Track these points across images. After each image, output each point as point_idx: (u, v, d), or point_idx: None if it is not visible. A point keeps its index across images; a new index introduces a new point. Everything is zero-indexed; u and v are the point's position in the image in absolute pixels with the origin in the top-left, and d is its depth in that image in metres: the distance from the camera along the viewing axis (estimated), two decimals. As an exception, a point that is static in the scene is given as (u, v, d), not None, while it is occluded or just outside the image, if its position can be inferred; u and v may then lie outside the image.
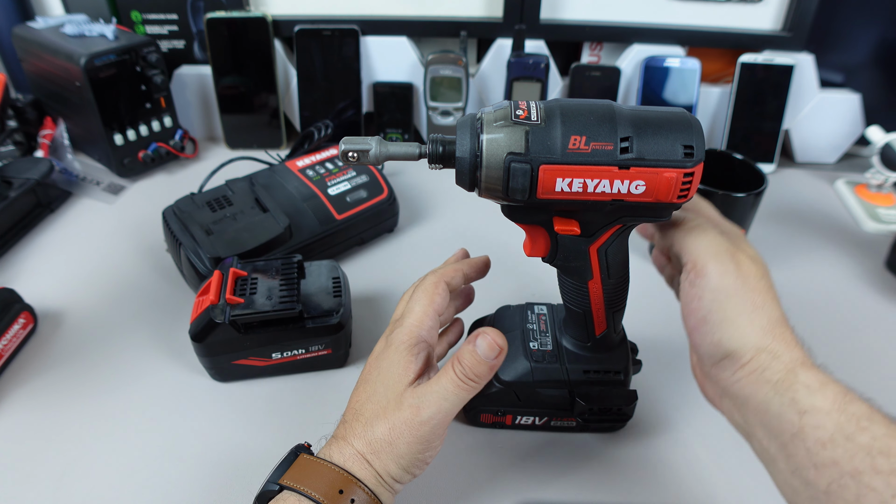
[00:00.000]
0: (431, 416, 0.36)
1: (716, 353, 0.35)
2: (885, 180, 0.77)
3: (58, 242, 0.68)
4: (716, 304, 0.34)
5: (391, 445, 0.36)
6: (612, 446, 0.47)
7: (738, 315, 0.34)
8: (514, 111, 0.34)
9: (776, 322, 0.35)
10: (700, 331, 0.35)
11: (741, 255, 0.36)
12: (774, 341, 0.34)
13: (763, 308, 0.35)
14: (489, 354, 0.36)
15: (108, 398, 0.50)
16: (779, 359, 0.33)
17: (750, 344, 0.34)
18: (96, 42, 0.73)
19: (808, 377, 0.32)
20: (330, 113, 0.86)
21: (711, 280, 0.35)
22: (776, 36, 0.82)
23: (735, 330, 0.34)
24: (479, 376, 0.36)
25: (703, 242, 0.36)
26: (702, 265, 0.35)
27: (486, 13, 0.84)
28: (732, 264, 0.35)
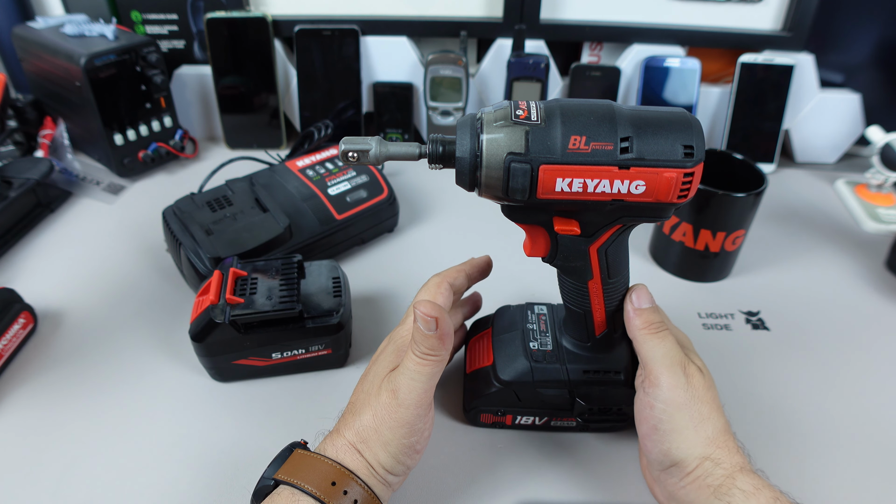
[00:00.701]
0: (405, 396, 0.37)
1: (664, 460, 0.37)
2: (885, 180, 0.77)
3: (58, 242, 0.68)
4: (666, 414, 0.37)
5: (377, 432, 0.36)
6: (612, 446, 0.47)
7: (686, 427, 0.37)
8: (514, 111, 0.34)
9: (720, 431, 0.37)
10: (651, 438, 0.38)
11: (691, 367, 0.39)
12: (718, 450, 0.36)
13: (709, 419, 0.37)
14: (429, 327, 0.36)
15: (108, 398, 0.50)
16: (720, 466, 0.36)
17: (696, 454, 0.36)
18: (96, 42, 0.73)
19: (744, 482, 0.35)
20: (330, 113, 0.86)
21: (663, 391, 0.37)
22: (776, 36, 0.82)
23: (683, 441, 0.37)
24: (433, 349, 0.37)
25: (658, 352, 0.39)
26: (656, 375, 0.38)
27: (486, 13, 0.84)
28: (684, 377, 0.38)
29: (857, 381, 0.53)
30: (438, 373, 0.38)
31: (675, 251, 0.64)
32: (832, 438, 0.48)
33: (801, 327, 0.59)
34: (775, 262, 0.68)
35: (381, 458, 0.36)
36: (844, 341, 0.57)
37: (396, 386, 0.37)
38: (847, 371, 0.54)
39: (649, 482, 0.41)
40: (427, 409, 0.38)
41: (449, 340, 0.38)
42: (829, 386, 0.53)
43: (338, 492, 0.34)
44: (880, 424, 0.49)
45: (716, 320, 0.59)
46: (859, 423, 0.49)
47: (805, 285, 0.64)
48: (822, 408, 0.50)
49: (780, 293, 0.63)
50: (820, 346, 0.57)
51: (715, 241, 0.60)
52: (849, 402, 0.51)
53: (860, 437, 0.48)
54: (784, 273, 0.66)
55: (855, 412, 0.50)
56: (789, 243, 0.71)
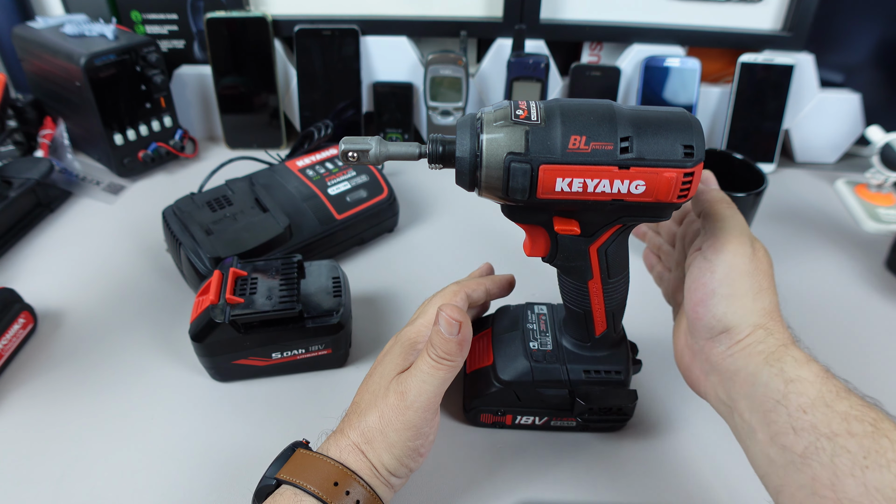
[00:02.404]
0: (414, 399, 0.36)
1: (716, 326, 0.37)
2: (885, 180, 0.77)
3: (58, 242, 0.68)
4: (728, 279, 0.37)
5: (382, 434, 0.36)
6: (612, 446, 0.47)
7: (745, 294, 0.37)
8: (514, 111, 0.34)
9: (774, 307, 0.37)
10: (706, 304, 0.37)
11: (757, 242, 0.39)
12: (771, 321, 0.36)
13: (768, 292, 0.37)
14: (451, 331, 0.37)
15: (108, 398, 0.50)
16: (773, 335, 0.36)
17: (750, 321, 0.36)
18: (96, 42, 0.73)
19: (796, 352, 0.35)
20: (330, 113, 0.86)
21: (728, 256, 0.37)
22: (776, 36, 0.82)
23: (740, 307, 0.36)
24: (451, 354, 0.37)
25: (728, 223, 0.38)
26: (723, 242, 0.38)
27: (486, 13, 0.84)
28: (750, 248, 0.38)
29: (857, 380, 0.53)
30: (450, 378, 0.37)
31: (675, 251, 0.64)
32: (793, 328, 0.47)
33: (801, 327, 0.59)
34: (775, 262, 0.67)
35: (384, 459, 0.36)
36: (844, 341, 0.57)
37: (406, 388, 0.37)
38: (847, 371, 0.54)
39: (685, 361, 0.40)
40: (434, 413, 0.37)
41: (467, 347, 0.37)
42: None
43: (340, 492, 0.34)
44: (880, 424, 0.49)
45: (716, 320, 0.59)
46: (859, 423, 0.49)
47: (805, 285, 0.64)
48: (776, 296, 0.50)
49: (780, 293, 0.62)
50: (820, 346, 0.57)
51: (715, 241, 0.60)
52: (849, 402, 0.51)
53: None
54: (784, 273, 0.66)
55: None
56: (789, 243, 0.71)
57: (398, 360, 0.40)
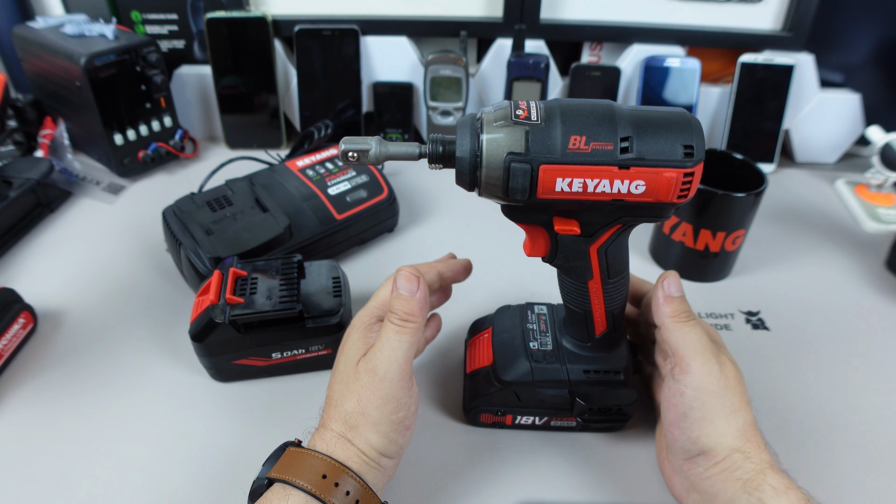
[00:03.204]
0: (386, 370, 0.37)
1: (692, 448, 0.37)
2: (885, 180, 0.77)
3: (58, 242, 0.68)
4: (697, 402, 0.37)
5: (363, 415, 0.36)
6: (612, 446, 0.47)
7: (717, 415, 0.36)
8: (514, 111, 0.34)
9: (749, 425, 0.37)
10: (679, 426, 0.37)
11: (724, 357, 0.39)
12: (748, 443, 0.36)
13: (740, 411, 0.37)
14: (409, 287, 0.37)
15: (108, 398, 0.50)
16: (750, 460, 0.35)
17: (726, 444, 0.36)
18: (96, 42, 0.73)
19: (775, 480, 0.34)
20: (330, 113, 0.86)
21: (695, 378, 0.37)
22: (776, 36, 0.82)
23: (714, 429, 0.36)
24: (412, 314, 0.37)
25: (690, 339, 0.38)
26: (687, 362, 0.38)
27: (486, 13, 0.84)
28: (717, 365, 0.37)
29: (857, 380, 0.53)
30: (416, 342, 0.38)
31: (675, 251, 0.64)
32: (832, 438, 0.48)
33: (801, 327, 0.59)
34: (775, 262, 0.68)
35: (372, 440, 0.36)
36: (844, 341, 0.57)
37: (375, 364, 0.37)
38: (847, 371, 0.54)
39: (668, 473, 0.41)
40: (409, 381, 0.38)
41: (426, 307, 0.38)
42: (829, 386, 0.53)
43: (329, 484, 0.34)
44: (880, 424, 0.49)
45: (716, 320, 0.59)
46: (859, 423, 0.49)
47: (805, 285, 0.64)
48: (822, 408, 0.50)
49: (780, 293, 0.63)
50: (820, 346, 0.57)
51: (715, 241, 0.60)
52: (849, 402, 0.51)
53: (860, 437, 0.48)
54: (784, 273, 0.66)
55: (855, 412, 0.50)
56: (789, 243, 0.71)
57: (359, 345, 0.40)
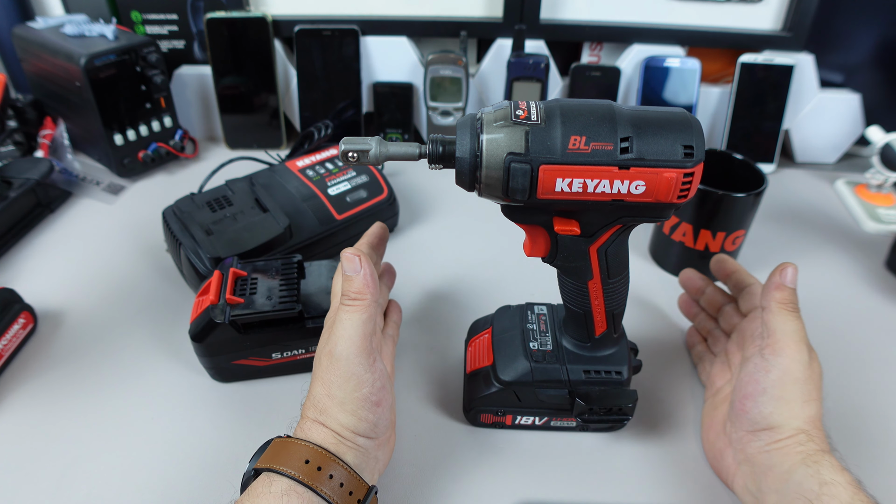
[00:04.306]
0: (341, 349, 0.37)
1: (760, 422, 0.39)
2: (885, 180, 0.77)
3: (58, 242, 0.68)
4: (780, 382, 0.39)
5: (329, 396, 0.37)
6: (612, 446, 0.47)
7: (795, 399, 0.39)
8: (514, 111, 0.34)
9: (818, 417, 0.39)
10: (755, 399, 0.39)
11: (814, 352, 0.41)
12: (814, 429, 0.38)
13: (815, 402, 0.39)
14: (353, 267, 0.38)
15: (108, 398, 0.50)
16: (813, 440, 0.38)
17: (794, 424, 0.38)
18: (96, 42, 0.73)
19: (832, 459, 0.36)
20: (330, 113, 0.86)
21: (785, 361, 0.39)
22: (776, 36, 0.82)
23: (787, 410, 0.38)
24: (359, 291, 0.38)
25: (790, 326, 0.40)
26: (782, 346, 0.40)
27: (486, 13, 0.84)
28: (807, 356, 0.40)
29: (857, 380, 0.53)
30: (370, 319, 0.38)
31: (675, 251, 0.64)
32: (832, 438, 0.48)
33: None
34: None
35: (341, 419, 0.37)
36: (844, 341, 0.57)
37: (331, 346, 0.38)
38: (847, 371, 0.54)
39: (718, 447, 0.42)
40: (368, 357, 0.38)
41: (374, 283, 0.39)
42: (829, 386, 0.52)
43: (312, 469, 0.35)
44: (881, 424, 0.49)
45: (716, 320, 0.59)
46: (859, 423, 0.49)
47: (805, 285, 0.64)
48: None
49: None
50: (820, 346, 0.57)
51: (715, 241, 0.60)
52: (849, 402, 0.51)
53: (860, 437, 0.48)
54: (784, 273, 0.66)
55: (855, 412, 0.50)
56: (789, 243, 0.71)
57: (325, 336, 0.40)
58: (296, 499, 0.33)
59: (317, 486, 0.34)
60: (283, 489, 0.34)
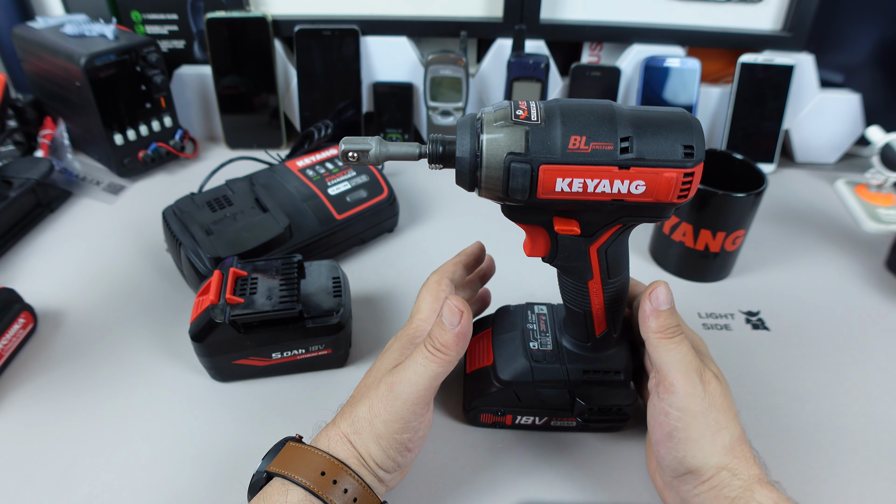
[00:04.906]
0: (403, 389, 0.36)
1: (678, 468, 0.37)
2: (885, 180, 0.77)
3: (58, 242, 0.68)
4: (682, 422, 0.36)
5: (370, 424, 0.36)
6: (612, 446, 0.47)
7: (702, 436, 0.36)
8: (514, 111, 0.34)
9: (737, 440, 0.36)
10: (665, 445, 0.37)
11: (708, 373, 0.38)
12: (735, 460, 0.36)
13: (726, 428, 0.36)
14: (452, 320, 0.36)
15: (108, 398, 0.50)
16: (738, 476, 0.35)
17: (712, 463, 0.36)
18: (96, 42, 0.73)
19: (762, 495, 0.34)
20: (330, 113, 0.86)
21: (679, 398, 0.36)
22: (776, 36, 0.82)
23: (699, 450, 0.36)
24: (447, 346, 0.37)
25: (673, 357, 0.37)
26: (671, 381, 0.37)
27: (486, 13, 0.84)
28: (700, 384, 0.37)
29: (857, 381, 0.53)
30: (444, 374, 0.37)
31: (675, 251, 0.64)
32: (832, 438, 0.48)
33: (801, 327, 0.59)
34: (775, 262, 0.68)
35: (372, 450, 0.36)
36: (844, 341, 0.57)
37: (396, 379, 0.37)
38: (847, 371, 0.54)
39: (659, 486, 0.41)
40: (424, 407, 0.37)
41: (465, 341, 0.37)
42: (829, 386, 0.53)
43: (328, 482, 0.34)
44: (881, 424, 0.49)
45: (716, 320, 0.59)
46: (859, 423, 0.49)
47: (805, 285, 0.64)
48: (822, 408, 0.50)
49: (780, 293, 0.63)
50: (820, 346, 0.57)
51: (715, 241, 0.60)
52: (849, 402, 0.51)
53: (860, 437, 0.48)
54: (784, 273, 0.66)
55: (855, 412, 0.50)
56: (789, 243, 0.71)
57: (395, 356, 0.40)
58: None
59: (331, 499, 0.34)
60: (298, 499, 0.34)
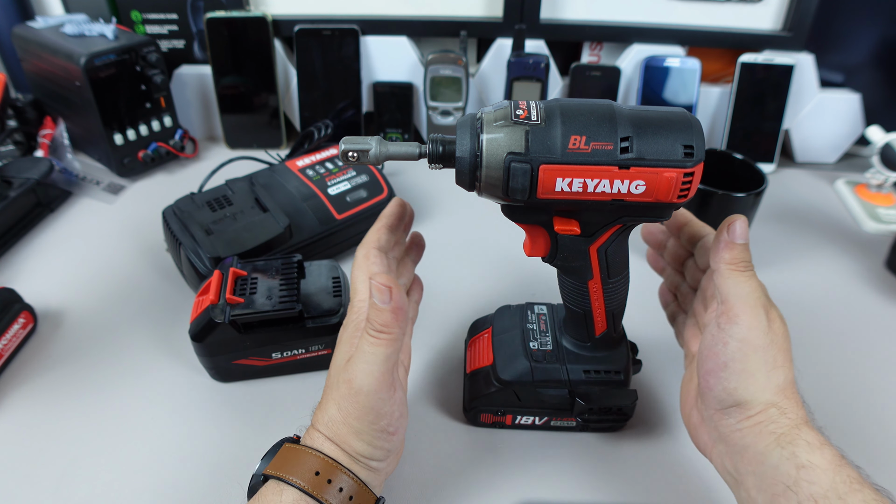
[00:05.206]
0: (362, 383, 0.35)
1: (726, 399, 0.36)
2: (885, 180, 0.77)
3: (58, 242, 0.68)
4: (740, 353, 0.35)
5: (345, 424, 0.36)
6: (612, 446, 0.47)
7: (759, 370, 0.35)
8: (514, 111, 0.34)
9: (789, 383, 0.35)
10: (717, 375, 0.36)
11: (774, 311, 0.37)
12: (785, 399, 0.35)
13: (782, 367, 0.36)
14: (383, 298, 0.35)
15: (108, 398, 0.50)
16: (786, 415, 0.34)
17: (762, 398, 0.35)
18: (96, 42, 0.73)
19: (809, 435, 0.33)
20: (330, 113, 0.86)
21: (741, 329, 0.35)
22: (776, 36, 0.82)
23: (753, 383, 0.35)
24: (387, 325, 0.35)
25: (742, 290, 0.36)
26: (736, 312, 0.36)
27: (486, 13, 0.84)
28: (765, 319, 0.36)
29: (857, 380, 0.53)
30: (394, 353, 0.36)
31: (675, 251, 0.64)
32: (832, 438, 0.48)
33: (801, 327, 0.59)
34: (775, 262, 0.68)
35: (356, 447, 0.36)
36: (844, 341, 0.57)
37: (352, 375, 0.36)
38: (847, 371, 0.54)
39: (694, 422, 0.39)
40: (389, 390, 0.36)
41: (403, 315, 0.36)
42: (829, 385, 0.53)
43: (322, 481, 0.34)
44: (881, 424, 0.49)
45: (716, 320, 0.59)
46: (859, 423, 0.49)
47: (805, 285, 0.64)
48: (822, 408, 0.50)
49: (780, 293, 0.62)
50: (820, 346, 0.57)
51: (715, 241, 0.60)
52: (849, 402, 0.51)
53: (860, 437, 0.48)
54: (784, 273, 0.66)
55: (855, 412, 0.50)
56: (789, 243, 0.71)
57: (346, 348, 0.38)
58: None
59: (326, 499, 0.34)
60: (292, 499, 0.34)
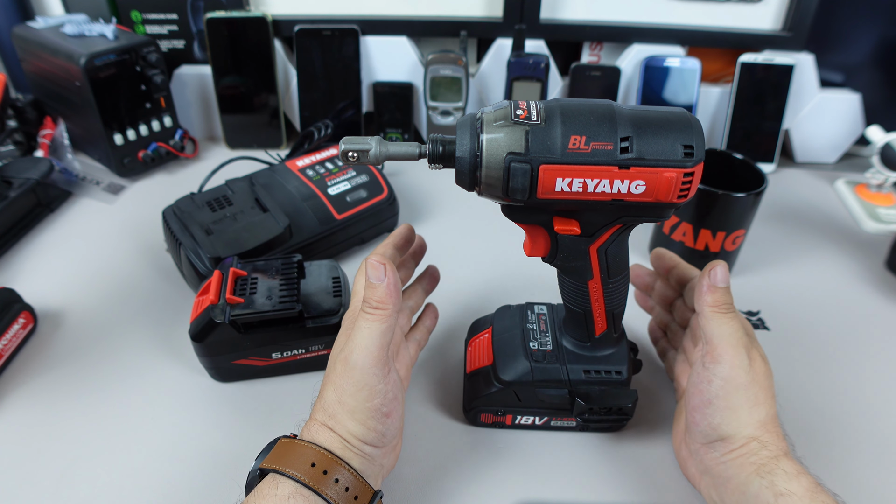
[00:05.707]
0: (357, 358, 0.37)
1: (711, 434, 0.38)
2: (885, 180, 0.77)
3: (58, 242, 0.68)
4: (723, 391, 0.38)
5: (340, 403, 0.37)
6: (612, 446, 0.47)
7: (741, 406, 0.38)
8: (514, 111, 0.34)
9: (770, 418, 0.38)
10: (703, 412, 0.39)
11: (755, 352, 0.40)
12: (766, 433, 0.38)
13: (764, 404, 0.38)
14: (377, 275, 0.37)
15: (108, 398, 0.50)
16: (766, 447, 0.37)
17: (745, 433, 0.38)
18: (96, 42, 0.73)
19: (787, 465, 0.36)
20: (330, 113, 0.86)
21: (725, 369, 0.38)
22: (776, 36, 0.82)
23: (735, 419, 0.38)
24: (381, 301, 0.37)
25: (725, 330, 0.39)
26: (719, 352, 0.38)
27: (486, 13, 0.84)
28: (747, 359, 0.38)
29: (857, 380, 0.53)
30: (388, 330, 0.38)
31: (675, 251, 0.63)
32: (832, 438, 0.48)
33: (801, 327, 0.59)
34: (775, 262, 0.68)
35: (350, 427, 0.37)
36: (844, 341, 0.57)
37: (348, 352, 0.37)
38: (847, 371, 0.54)
39: (683, 456, 0.42)
40: (383, 368, 0.37)
41: (396, 293, 0.38)
42: (830, 386, 0.53)
43: (318, 473, 0.34)
44: (881, 423, 0.49)
45: (716, 320, 0.59)
46: (860, 423, 0.49)
47: (805, 285, 0.64)
48: (823, 407, 0.51)
49: (780, 293, 0.63)
50: (820, 345, 0.57)
51: (715, 240, 0.60)
52: (849, 402, 0.51)
53: (861, 437, 0.48)
54: (784, 273, 0.66)
55: (855, 411, 0.50)
56: (789, 243, 0.71)
57: (342, 339, 0.40)
58: (301, 501, 0.33)
59: (322, 490, 0.34)
60: (289, 492, 0.34)
